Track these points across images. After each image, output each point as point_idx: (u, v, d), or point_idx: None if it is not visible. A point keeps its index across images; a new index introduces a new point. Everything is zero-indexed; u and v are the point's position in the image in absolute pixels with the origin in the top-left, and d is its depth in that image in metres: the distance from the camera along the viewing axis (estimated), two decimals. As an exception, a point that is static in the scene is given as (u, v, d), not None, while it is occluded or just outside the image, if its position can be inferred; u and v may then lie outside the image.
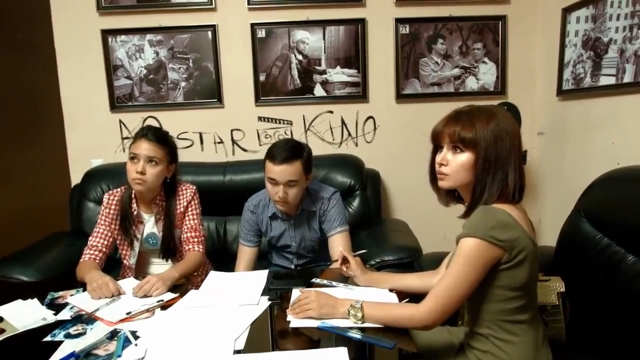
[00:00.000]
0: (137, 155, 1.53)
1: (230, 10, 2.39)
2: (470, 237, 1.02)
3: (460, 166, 1.08)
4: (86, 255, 1.59)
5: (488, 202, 1.06)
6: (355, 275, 1.37)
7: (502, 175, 1.06)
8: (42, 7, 2.42)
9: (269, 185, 1.66)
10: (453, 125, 1.09)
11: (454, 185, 1.12)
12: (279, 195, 1.62)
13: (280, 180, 1.61)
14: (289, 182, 1.61)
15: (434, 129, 1.15)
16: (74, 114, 2.49)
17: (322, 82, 2.46)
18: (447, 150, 1.11)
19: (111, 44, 2.39)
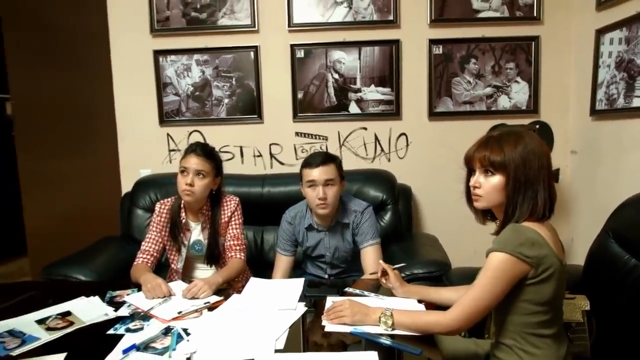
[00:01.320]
0: (187, 169, 1.68)
1: (271, 32, 2.54)
2: (500, 252, 1.09)
3: (492, 188, 1.16)
4: (139, 259, 1.74)
5: (519, 221, 1.13)
6: (394, 287, 1.45)
7: (531, 194, 1.13)
8: (101, 29, 2.64)
9: (309, 190, 1.78)
10: (483, 150, 1.17)
11: (487, 205, 1.20)
12: (319, 196, 1.74)
13: (319, 180, 1.74)
14: (326, 181, 1.74)
15: (466, 154, 1.23)
16: (126, 127, 2.69)
17: (357, 100, 2.57)
18: (479, 174, 1.19)
19: (162, 63, 2.59)
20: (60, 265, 2.03)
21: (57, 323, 1.31)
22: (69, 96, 2.90)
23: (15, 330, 1.26)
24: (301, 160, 2.53)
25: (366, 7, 2.50)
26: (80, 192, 2.98)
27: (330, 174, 1.75)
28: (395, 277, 1.46)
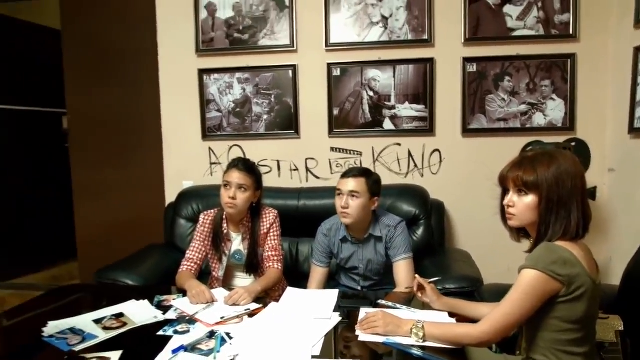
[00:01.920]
0: (229, 183, 1.79)
1: (309, 52, 2.65)
2: (531, 269, 1.13)
3: (525, 207, 1.20)
4: (184, 266, 1.86)
5: (552, 240, 1.16)
6: (431, 301, 1.48)
7: (564, 214, 1.16)
8: (150, 49, 2.83)
9: (337, 198, 1.87)
10: (516, 170, 1.22)
11: (520, 224, 1.24)
12: (341, 205, 1.83)
13: (344, 190, 1.83)
14: (350, 192, 1.82)
15: (500, 173, 1.28)
16: (172, 140, 2.85)
17: (391, 117, 2.64)
18: (513, 193, 1.23)
19: (206, 81, 2.74)
20: (111, 270, 2.17)
21: (112, 323, 1.43)
22: (119, 111, 3.09)
23: (75, 328, 1.38)
24: (336, 175, 2.64)
25: (401, 27, 2.58)
26: (127, 201, 3.15)
27: (357, 187, 1.83)
28: (432, 291, 1.50)
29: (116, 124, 3.13)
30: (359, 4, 2.59)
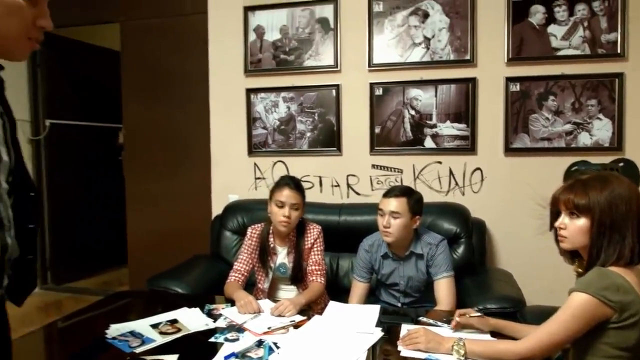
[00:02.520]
0: (284, 203, 1.88)
1: (352, 72, 2.74)
2: (582, 293, 1.13)
3: (577, 230, 1.21)
4: (232, 277, 1.96)
5: (605, 265, 1.16)
6: (481, 325, 1.45)
7: (618, 238, 1.16)
8: (201, 70, 3.01)
9: (378, 217, 1.92)
10: (568, 193, 1.23)
11: (572, 247, 1.25)
12: (383, 224, 1.87)
13: (385, 210, 1.88)
14: (392, 212, 1.86)
15: (552, 195, 1.30)
16: (219, 155, 3.00)
17: (432, 135, 2.67)
18: (564, 216, 1.25)
19: (253, 100, 2.88)
20: (161, 278, 2.30)
21: (167, 328, 1.53)
22: (171, 127, 3.28)
23: (135, 332, 1.50)
24: (377, 192, 2.70)
25: (443, 48, 2.62)
26: (175, 212, 3.32)
27: (398, 207, 1.87)
28: (480, 321, 1.45)
29: (168, 139, 3.31)
30: (401, 26, 2.66)
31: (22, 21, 0.88)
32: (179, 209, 3.33)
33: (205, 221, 3.03)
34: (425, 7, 2.63)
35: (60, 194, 3.82)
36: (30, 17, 0.88)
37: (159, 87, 3.30)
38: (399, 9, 2.66)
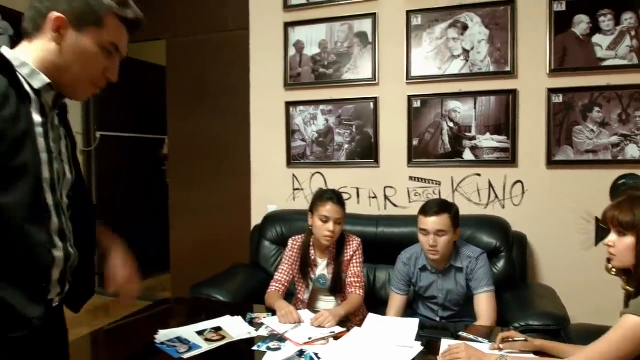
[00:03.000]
0: (328, 218, 1.92)
1: (390, 85, 2.76)
2: (636, 316, 1.11)
3: (624, 248, 1.20)
4: (273, 287, 2.01)
5: None
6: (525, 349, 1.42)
7: None
8: (242, 84, 3.11)
9: (421, 236, 1.91)
10: (614, 210, 1.22)
11: (621, 265, 1.24)
12: (429, 244, 1.86)
13: (431, 230, 1.86)
14: (438, 231, 1.86)
15: (603, 212, 1.28)
16: (258, 167, 3.08)
17: (471, 147, 2.65)
18: (613, 233, 1.24)
19: (292, 113, 2.95)
20: (204, 285, 2.38)
21: (212, 336, 1.60)
22: (213, 139, 3.40)
23: (182, 338, 1.57)
24: (414, 204, 2.70)
25: (483, 60, 2.61)
26: (216, 221, 3.42)
27: (443, 225, 1.86)
28: (524, 345, 1.41)
29: (209, 151, 3.44)
30: (440, 39, 2.66)
31: (95, 69, 0.99)
32: (219, 218, 3.43)
33: (244, 230, 3.11)
34: (464, 19, 2.63)
35: (108, 201, 4.01)
36: (101, 67, 0.99)
37: (202, 100, 3.43)
38: (438, 22, 2.67)
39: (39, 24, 0.94)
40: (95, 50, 0.96)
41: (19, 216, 0.86)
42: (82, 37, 0.95)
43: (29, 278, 0.90)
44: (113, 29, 0.98)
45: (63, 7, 0.93)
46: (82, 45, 0.95)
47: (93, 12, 0.94)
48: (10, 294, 0.86)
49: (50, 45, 0.94)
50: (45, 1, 0.93)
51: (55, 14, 0.92)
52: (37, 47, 0.94)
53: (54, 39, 0.93)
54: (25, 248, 0.88)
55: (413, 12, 2.69)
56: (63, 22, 0.92)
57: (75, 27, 0.94)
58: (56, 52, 0.94)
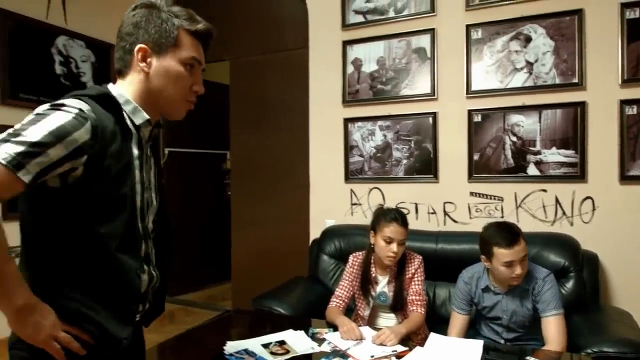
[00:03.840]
0: (392, 239, 1.93)
1: (450, 99, 2.74)
2: None
3: None
4: (333, 303, 2.05)
5: None
6: None
7: None
8: (301, 100, 3.20)
9: (504, 268, 1.81)
10: None
11: None
12: (516, 273, 1.79)
13: (517, 258, 1.79)
14: (523, 257, 1.80)
15: None
16: (317, 181, 3.15)
17: (536, 162, 2.57)
18: None
19: (350, 129, 3.00)
20: (265, 297, 2.45)
21: (277, 349, 1.65)
22: (272, 153, 3.52)
23: (249, 350, 1.63)
24: (475, 220, 2.65)
25: (548, 72, 2.53)
26: (275, 233, 3.53)
27: (524, 249, 1.81)
28: None
29: (269, 165, 3.56)
30: (501, 52, 2.61)
31: (184, 87, 1.06)
32: (278, 230, 3.54)
33: (303, 243, 3.18)
34: (527, 31, 2.57)
35: (175, 213, 4.24)
36: (189, 83, 1.06)
37: (262, 116, 3.57)
38: (499, 34, 2.62)
39: (127, 60, 1.02)
40: (179, 68, 1.03)
41: (115, 244, 0.93)
42: (165, 59, 1.02)
43: (121, 302, 0.97)
44: (189, 45, 1.04)
45: (144, 38, 1.01)
46: (167, 67, 1.02)
47: (168, 34, 1.01)
48: (104, 317, 0.93)
49: (141, 75, 1.02)
50: (127, 37, 1.02)
51: (138, 46, 1.00)
52: (131, 81, 1.03)
53: (142, 69, 1.01)
54: (118, 274, 0.95)
55: (473, 26, 2.66)
56: (146, 51, 1.00)
57: (157, 53, 1.01)
58: (147, 81, 1.02)
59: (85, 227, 0.89)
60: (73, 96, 0.91)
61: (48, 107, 0.85)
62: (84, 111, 0.86)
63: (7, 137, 0.77)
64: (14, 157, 0.75)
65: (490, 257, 1.85)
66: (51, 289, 0.85)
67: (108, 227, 0.91)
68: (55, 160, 0.80)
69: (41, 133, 0.79)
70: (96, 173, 0.87)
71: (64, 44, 3.32)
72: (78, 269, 0.90)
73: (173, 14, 1.03)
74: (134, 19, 1.02)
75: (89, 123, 0.85)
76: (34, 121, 0.81)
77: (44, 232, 0.79)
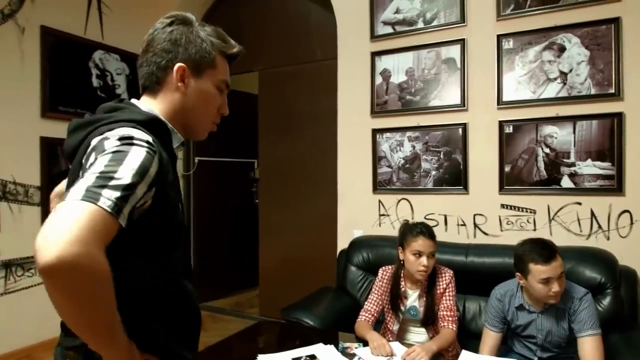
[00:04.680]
0: (421, 252, 1.93)
1: (480, 110, 2.70)
2: None
3: None
4: (362, 317, 2.05)
5: None
6: None
7: None
8: (329, 110, 3.22)
9: (541, 286, 1.76)
10: None
11: None
12: (554, 290, 1.75)
13: (554, 275, 1.75)
14: (561, 274, 1.76)
15: None
16: (345, 191, 3.15)
17: (570, 174, 2.51)
18: None
19: (378, 140, 2.99)
20: (294, 308, 2.46)
21: (308, 364, 1.67)
22: (300, 162, 3.55)
23: (280, 364, 1.66)
24: (506, 232, 2.61)
25: (582, 82, 2.47)
26: (302, 241, 3.55)
27: (562, 265, 1.76)
28: None
29: (297, 174, 3.59)
30: (534, 62, 2.57)
31: (214, 108, 1.05)
32: (305, 239, 3.56)
33: (329, 252, 3.19)
34: (560, 40, 2.51)
35: (203, 220, 4.32)
36: (217, 105, 1.05)
37: (290, 125, 3.61)
38: (531, 44, 2.58)
39: (160, 77, 0.98)
40: (213, 90, 1.02)
41: (179, 271, 0.95)
42: (202, 81, 0.99)
43: (190, 328, 0.99)
44: (223, 67, 1.03)
45: (183, 57, 0.97)
46: (203, 89, 1.00)
47: (207, 55, 0.99)
48: (174, 341, 0.94)
49: (175, 95, 0.98)
50: (164, 54, 0.97)
51: (177, 65, 0.96)
52: (163, 100, 0.99)
53: (178, 88, 0.98)
54: (188, 301, 0.97)
55: (504, 36, 2.63)
56: (185, 70, 0.97)
57: (194, 73, 0.98)
58: (181, 100, 0.98)
59: (154, 258, 0.89)
60: (130, 124, 0.87)
61: (119, 142, 0.81)
62: (151, 143, 0.83)
63: (102, 182, 0.73)
64: (115, 202, 0.72)
65: (526, 274, 1.81)
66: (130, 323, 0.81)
67: (173, 255, 0.92)
68: (139, 199, 0.78)
69: (129, 173, 0.75)
70: (160, 203, 0.85)
71: (101, 57, 3.44)
72: (152, 300, 0.90)
73: (210, 34, 1.01)
74: (171, 35, 0.97)
75: (157, 156, 0.83)
76: (117, 160, 0.77)
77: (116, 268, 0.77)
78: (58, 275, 0.65)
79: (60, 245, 0.64)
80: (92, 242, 0.67)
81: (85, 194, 0.70)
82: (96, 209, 0.70)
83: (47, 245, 0.65)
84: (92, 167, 0.76)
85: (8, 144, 2.92)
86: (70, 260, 0.64)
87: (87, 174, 0.74)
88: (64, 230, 0.66)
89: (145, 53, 0.99)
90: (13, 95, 2.96)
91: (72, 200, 0.70)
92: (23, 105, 3.02)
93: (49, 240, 0.65)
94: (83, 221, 0.68)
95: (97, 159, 0.78)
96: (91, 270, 0.67)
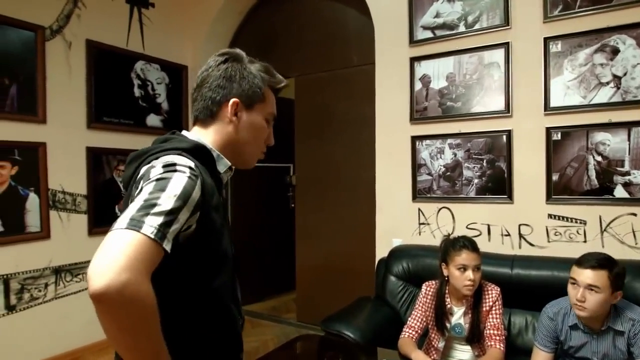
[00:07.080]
0: (466, 266, 1.89)
1: (525, 117, 2.60)
2: None
3: None
4: (405, 333, 2.01)
5: None
6: None
7: None
8: (367, 116, 3.18)
9: (570, 286, 1.76)
10: None
11: None
12: (577, 297, 1.70)
13: (581, 282, 1.70)
14: (589, 286, 1.69)
15: None
16: (383, 199, 3.10)
17: (624, 184, 2.38)
18: None
19: (418, 147, 2.93)
20: (334, 320, 2.44)
21: (352, 383, 1.65)
22: (337, 168, 3.53)
23: (324, 383, 1.65)
24: (554, 244, 2.52)
25: (638, 86, 2.33)
26: (339, 248, 3.53)
27: (597, 280, 1.68)
28: None
29: (334, 179, 3.57)
30: (584, 65, 2.45)
31: (262, 140, 1.10)
32: (343, 245, 3.54)
33: (368, 260, 3.16)
34: (614, 42, 2.38)
35: (241, 225, 4.36)
36: (265, 135, 1.09)
37: (327, 131, 3.59)
38: (581, 47, 2.45)
39: (213, 110, 1.03)
40: (263, 123, 1.07)
41: (227, 296, 0.96)
42: (253, 114, 1.05)
43: (233, 350, 1.00)
44: (271, 100, 1.08)
45: (237, 92, 1.02)
46: (255, 122, 1.05)
47: (258, 90, 1.04)
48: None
49: (228, 127, 1.03)
50: (219, 89, 1.02)
51: (232, 100, 1.02)
52: (215, 131, 1.03)
53: (231, 121, 1.03)
54: (233, 325, 0.98)
55: (551, 39, 2.51)
56: (238, 104, 1.02)
57: (246, 107, 1.04)
58: (234, 133, 1.03)
59: (201, 283, 0.91)
60: (175, 152, 0.91)
61: (163, 169, 0.84)
62: (193, 169, 0.87)
63: (146, 210, 0.76)
64: (158, 229, 0.75)
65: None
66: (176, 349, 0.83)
67: (220, 280, 0.93)
68: (183, 223, 0.80)
69: (171, 199, 0.78)
70: (205, 228, 0.88)
71: (142, 67, 3.52)
72: (195, 325, 0.91)
73: (259, 69, 1.06)
74: (226, 72, 1.03)
75: (199, 180, 0.86)
76: (160, 187, 0.80)
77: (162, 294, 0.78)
78: (106, 301, 0.69)
79: (108, 274, 0.68)
80: (137, 270, 0.71)
81: (130, 222, 0.74)
82: (140, 236, 0.73)
83: (96, 274, 0.69)
84: (139, 195, 0.80)
85: (57, 155, 3.04)
86: (118, 287, 0.68)
87: (134, 203, 0.78)
88: (111, 259, 0.70)
89: (200, 88, 1.05)
90: (62, 108, 3.07)
91: (117, 230, 0.74)
92: (71, 117, 3.13)
93: (97, 270, 0.69)
94: (128, 249, 0.71)
95: (143, 188, 0.82)
96: (137, 296, 0.70)
